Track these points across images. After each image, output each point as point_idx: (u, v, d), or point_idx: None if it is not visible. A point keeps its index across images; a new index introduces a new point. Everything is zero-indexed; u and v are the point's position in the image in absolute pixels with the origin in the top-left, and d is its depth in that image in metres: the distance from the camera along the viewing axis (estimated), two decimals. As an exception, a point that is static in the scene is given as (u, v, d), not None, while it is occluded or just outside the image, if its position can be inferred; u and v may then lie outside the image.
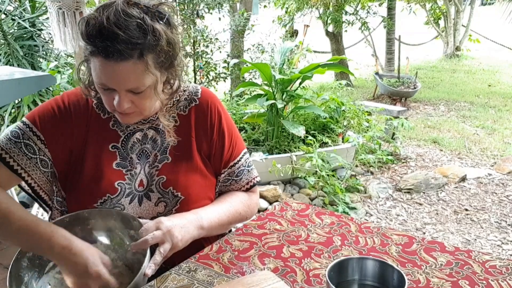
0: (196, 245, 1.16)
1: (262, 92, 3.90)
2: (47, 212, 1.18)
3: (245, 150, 1.29)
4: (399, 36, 7.37)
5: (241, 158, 1.26)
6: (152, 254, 0.99)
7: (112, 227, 1.09)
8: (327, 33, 7.64)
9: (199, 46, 5.25)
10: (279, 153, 3.60)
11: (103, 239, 1.10)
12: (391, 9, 7.24)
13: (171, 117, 1.17)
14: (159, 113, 1.14)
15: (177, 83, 1.14)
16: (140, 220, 1.06)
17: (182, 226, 1.06)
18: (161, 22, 0.99)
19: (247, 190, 1.28)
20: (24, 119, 1.10)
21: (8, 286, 0.94)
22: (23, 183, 1.10)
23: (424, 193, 3.59)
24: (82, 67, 1.08)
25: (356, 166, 3.97)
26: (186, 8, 5.08)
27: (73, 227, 1.06)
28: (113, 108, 1.04)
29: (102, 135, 1.13)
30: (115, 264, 1.08)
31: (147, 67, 0.98)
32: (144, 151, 1.15)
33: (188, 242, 1.08)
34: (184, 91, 1.21)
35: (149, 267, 0.96)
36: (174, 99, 1.18)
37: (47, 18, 4.20)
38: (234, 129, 1.27)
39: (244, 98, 4.77)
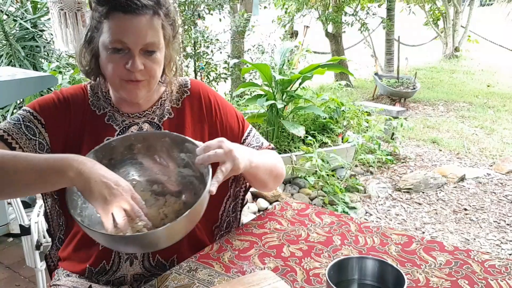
0: (197, 244, 1.16)
1: (262, 93, 3.91)
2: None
3: (251, 127, 1.30)
4: (398, 37, 7.38)
5: (249, 133, 1.26)
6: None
7: (161, 150, 1.08)
8: (327, 33, 7.64)
9: (199, 46, 5.25)
10: (279, 153, 3.59)
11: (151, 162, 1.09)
12: (390, 10, 7.24)
13: (165, 111, 1.18)
14: (169, 93, 1.18)
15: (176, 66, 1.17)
16: (194, 141, 1.03)
17: (241, 151, 1.04)
18: None
19: None
20: (24, 107, 1.12)
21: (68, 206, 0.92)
22: None
23: (423, 192, 3.60)
24: (84, 58, 1.11)
25: (356, 166, 3.98)
26: (187, 9, 5.09)
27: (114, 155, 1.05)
28: (123, 74, 1.05)
29: (97, 131, 1.14)
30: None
31: (162, 22, 1.06)
32: None
33: (242, 170, 1.04)
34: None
35: (212, 184, 0.95)
36: (167, 91, 1.20)
37: (49, 19, 4.21)
38: (232, 107, 1.27)
39: (244, 98, 4.78)
